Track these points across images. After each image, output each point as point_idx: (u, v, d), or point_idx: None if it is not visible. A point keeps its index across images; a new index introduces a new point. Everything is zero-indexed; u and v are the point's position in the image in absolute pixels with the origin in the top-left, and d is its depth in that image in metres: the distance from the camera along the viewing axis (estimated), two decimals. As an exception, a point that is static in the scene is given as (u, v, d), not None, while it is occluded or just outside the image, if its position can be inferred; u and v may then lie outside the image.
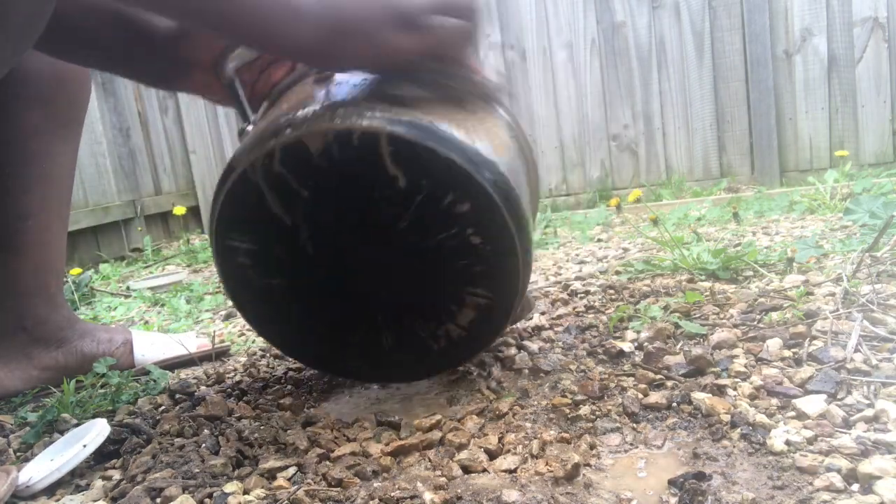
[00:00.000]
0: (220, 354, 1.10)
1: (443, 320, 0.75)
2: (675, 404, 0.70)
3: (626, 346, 0.88)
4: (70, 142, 1.02)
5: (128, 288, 1.88)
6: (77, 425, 0.81)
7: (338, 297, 0.75)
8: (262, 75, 0.84)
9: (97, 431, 0.71)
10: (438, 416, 0.71)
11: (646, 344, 0.87)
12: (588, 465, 0.60)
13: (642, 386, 0.75)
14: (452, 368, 0.83)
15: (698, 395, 0.70)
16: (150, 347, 1.07)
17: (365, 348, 0.78)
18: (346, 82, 0.73)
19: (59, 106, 0.98)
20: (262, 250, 0.73)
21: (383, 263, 0.72)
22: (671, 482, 0.56)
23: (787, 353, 0.79)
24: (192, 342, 1.11)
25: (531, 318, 1.06)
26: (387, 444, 0.67)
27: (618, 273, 1.34)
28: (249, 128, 0.78)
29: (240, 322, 1.32)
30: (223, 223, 0.72)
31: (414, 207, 0.68)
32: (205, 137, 3.11)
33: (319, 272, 0.74)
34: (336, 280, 0.74)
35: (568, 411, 0.71)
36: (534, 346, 0.93)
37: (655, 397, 0.71)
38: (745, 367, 0.77)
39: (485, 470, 0.61)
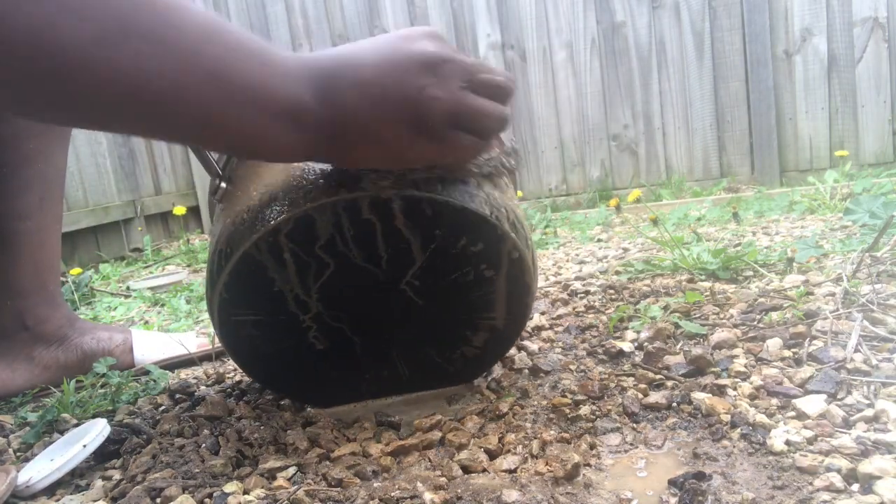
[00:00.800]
0: (220, 354, 1.10)
1: (458, 345, 0.77)
2: (675, 404, 0.70)
3: (626, 346, 0.88)
4: (63, 141, 1.03)
5: (128, 288, 1.88)
6: (77, 425, 0.81)
7: (351, 343, 0.75)
8: None
9: (97, 431, 0.71)
10: (438, 416, 0.71)
11: (646, 344, 0.87)
12: (588, 465, 0.60)
13: (642, 386, 0.75)
14: (472, 380, 0.83)
15: (698, 395, 0.70)
16: (150, 347, 1.07)
17: (381, 380, 0.79)
18: None
19: None
20: (271, 318, 0.71)
21: (396, 307, 0.72)
22: (671, 482, 0.56)
23: (787, 353, 0.79)
24: (192, 342, 1.11)
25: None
26: (387, 444, 0.67)
27: (618, 273, 1.34)
28: (224, 185, 0.73)
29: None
30: (227, 303, 0.69)
31: (427, 257, 0.68)
32: (205, 137, 3.10)
33: (331, 326, 0.73)
34: (348, 328, 0.73)
35: (568, 411, 0.71)
36: (534, 346, 0.93)
37: (655, 397, 0.71)
38: (745, 367, 0.77)
39: (485, 470, 0.61)
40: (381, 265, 0.68)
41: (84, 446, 0.69)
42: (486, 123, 0.56)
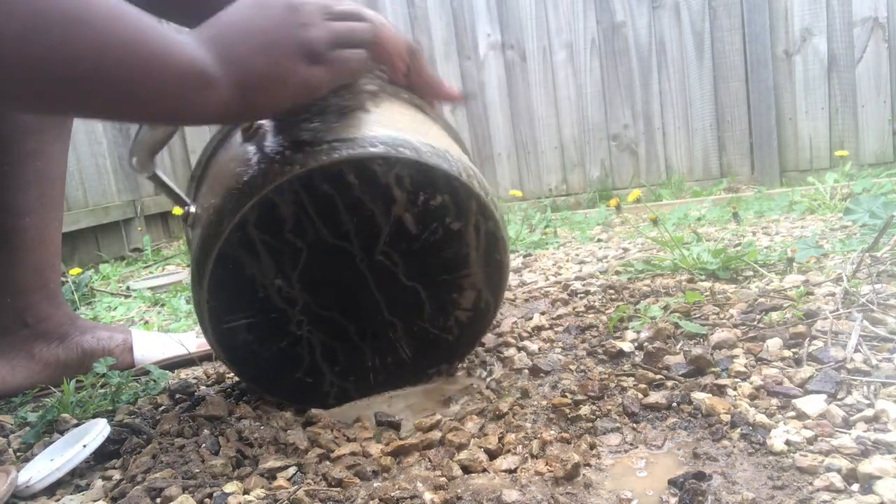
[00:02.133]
0: (220, 354, 1.10)
1: (449, 311, 0.77)
2: (675, 404, 0.70)
3: (626, 346, 0.88)
4: (63, 139, 1.03)
5: (128, 288, 1.88)
6: (77, 425, 0.81)
7: (347, 332, 0.75)
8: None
9: (97, 431, 0.71)
10: (438, 416, 0.71)
11: (646, 344, 0.87)
12: (588, 465, 0.60)
13: (642, 386, 0.75)
14: (474, 347, 0.84)
15: (698, 395, 0.70)
16: (150, 347, 1.07)
17: (387, 368, 0.79)
18: (274, 128, 0.72)
19: None
20: (261, 318, 0.72)
21: (380, 284, 0.73)
22: (671, 482, 0.56)
23: (787, 353, 0.79)
24: (192, 342, 1.11)
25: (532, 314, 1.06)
26: (387, 444, 0.67)
27: (618, 273, 1.34)
28: (193, 208, 0.76)
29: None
30: (215, 310, 0.70)
31: (392, 221, 0.70)
32: (204, 137, 3.11)
33: (321, 316, 0.73)
34: (339, 315, 0.74)
35: (568, 411, 0.71)
36: (534, 346, 0.93)
37: (655, 397, 0.71)
38: (745, 367, 0.77)
39: (485, 470, 0.61)
40: (350, 239, 0.69)
41: (84, 446, 0.69)
42: (357, 38, 0.66)
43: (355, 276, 0.72)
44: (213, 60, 0.58)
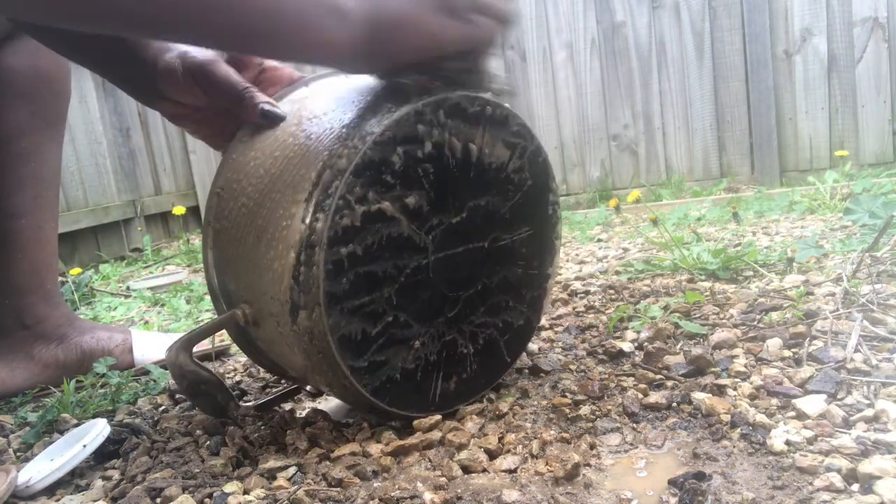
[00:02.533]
0: (220, 354, 1.10)
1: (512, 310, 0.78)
2: (675, 404, 0.70)
3: (626, 346, 0.88)
4: (56, 140, 1.03)
5: (128, 288, 1.88)
6: (77, 425, 0.81)
7: (452, 340, 0.72)
8: (262, 74, 0.77)
9: (97, 431, 0.71)
10: (438, 416, 0.71)
11: (646, 344, 0.87)
12: (588, 465, 0.60)
13: (642, 386, 0.75)
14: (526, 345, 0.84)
15: (698, 395, 0.70)
16: (150, 347, 1.07)
17: (466, 371, 0.75)
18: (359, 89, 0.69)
19: (44, 104, 0.99)
20: (385, 340, 0.66)
21: (465, 266, 0.71)
22: (671, 482, 0.56)
23: (787, 353, 0.79)
24: (192, 342, 1.11)
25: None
26: (387, 444, 0.67)
27: (618, 273, 1.34)
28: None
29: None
30: (359, 372, 0.65)
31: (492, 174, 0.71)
32: (205, 148, 3.10)
33: (429, 322, 0.70)
34: (442, 320, 0.71)
35: (568, 411, 0.71)
36: (534, 346, 0.93)
37: (655, 397, 0.71)
38: (745, 367, 0.77)
39: (485, 470, 0.61)
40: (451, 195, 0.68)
41: (84, 446, 0.69)
42: (496, 7, 0.65)
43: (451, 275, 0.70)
44: None
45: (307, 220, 0.60)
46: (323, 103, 0.69)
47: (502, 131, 0.71)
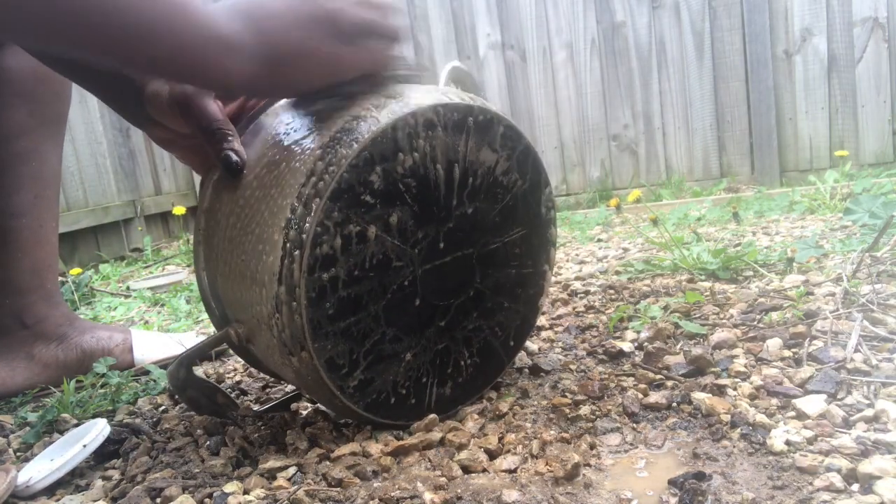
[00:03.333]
0: (220, 354, 1.10)
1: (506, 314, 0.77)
2: (675, 404, 0.70)
3: (626, 346, 0.88)
4: (57, 140, 1.03)
5: (128, 288, 1.88)
6: (77, 425, 0.81)
7: (443, 347, 0.72)
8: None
9: (97, 431, 0.71)
10: (434, 416, 0.71)
11: (646, 344, 0.87)
12: (588, 465, 0.60)
13: (642, 386, 0.75)
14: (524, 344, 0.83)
15: (698, 395, 0.70)
16: (150, 347, 1.07)
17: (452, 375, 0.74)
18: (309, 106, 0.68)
19: (44, 103, 0.99)
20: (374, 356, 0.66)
21: (454, 276, 0.70)
22: (671, 482, 0.56)
23: (787, 353, 0.79)
24: (192, 342, 1.11)
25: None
26: (386, 445, 0.67)
27: (618, 273, 1.34)
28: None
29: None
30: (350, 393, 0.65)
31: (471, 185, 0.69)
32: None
33: (418, 332, 0.69)
34: (426, 315, 0.70)
35: (568, 411, 0.71)
36: (534, 346, 0.93)
37: (655, 397, 0.71)
38: (745, 367, 0.77)
39: (485, 470, 0.61)
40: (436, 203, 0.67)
41: (84, 446, 0.69)
42: (386, 29, 0.65)
43: (438, 281, 0.69)
44: (243, 28, 0.58)
45: (287, 247, 0.59)
46: (301, 117, 0.68)
47: (487, 135, 0.69)
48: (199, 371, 1.04)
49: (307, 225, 0.59)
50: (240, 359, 1.06)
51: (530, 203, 0.76)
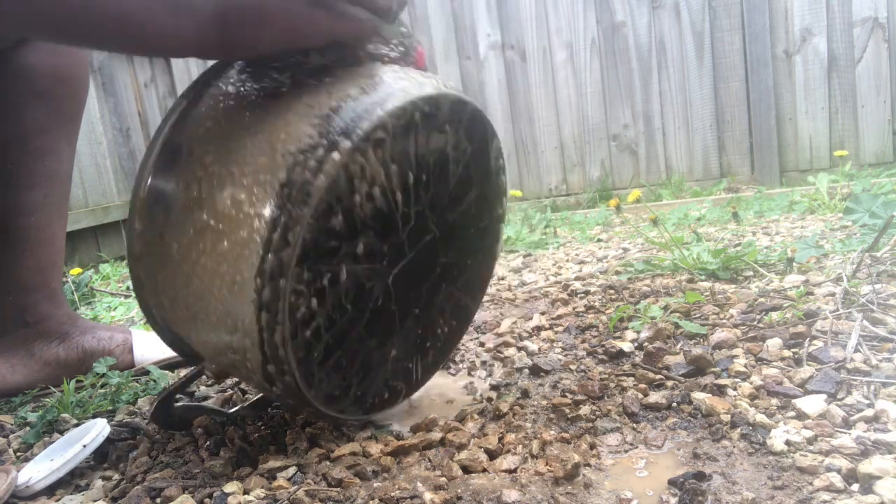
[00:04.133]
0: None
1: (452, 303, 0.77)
2: (675, 404, 0.70)
3: (626, 346, 0.88)
4: (71, 139, 1.03)
5: (128, 288, 1.88)
6: (77, 425, 0.81)
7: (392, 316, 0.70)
8: None
9: (97, 431, 0.71)
10: (434, 415, 0.71)
11: (646, 344, 0.87)
12: (588, 465, 0.60)
13: (642, 386, 0.75)
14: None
15: (698, 395, 0.70)
16: (150, 347, 1.07)
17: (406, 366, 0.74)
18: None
19: (62, 102, 0.99)
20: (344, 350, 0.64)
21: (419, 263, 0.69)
22: (671, 482, 0.56)
23: (787, 353, 0.79)
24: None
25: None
26: (386, 445, 0.67)
27: (618, 273, 1.34)
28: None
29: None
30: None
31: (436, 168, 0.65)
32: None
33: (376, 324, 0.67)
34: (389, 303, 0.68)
35: (568, 411, 0.71)
36: (534, 346, 0.93)
37: (655, 397, 0.71)
38: (745, 367, 0.77)
39: (485, 470, 0.61)
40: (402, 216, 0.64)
41: (84, 446, 0.69)
42: (376, 2, 0.59)
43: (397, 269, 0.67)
44: None
45: (263, 322, 0.55)
46: (227, 161, 0.58)
47: (435, 121, 0.63)
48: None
49: (280, 304, 0.55)
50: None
51: (480, 161, 0.72)
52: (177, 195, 0.59)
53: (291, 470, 0.63)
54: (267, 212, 0.54)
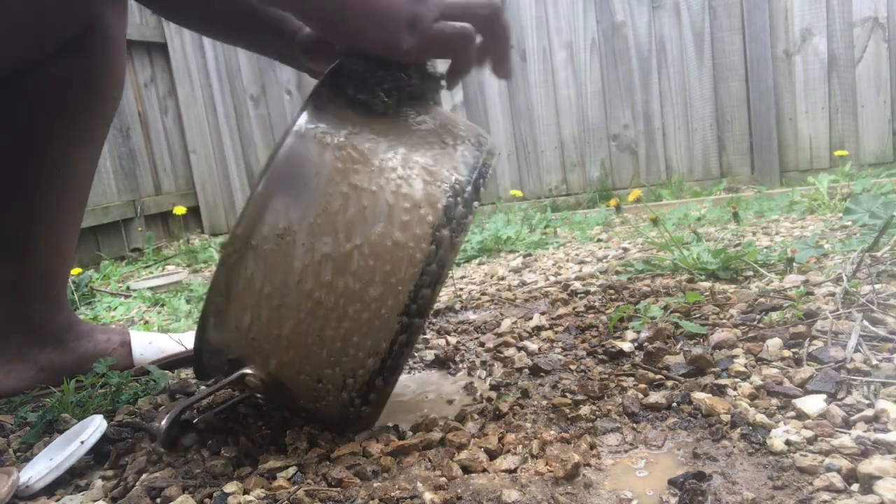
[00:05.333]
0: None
1: None
2: (675, 404, 0.70)
3: (626, 346, 0.88)
4: (93, 148, 1.00)
5: (128, 288, 1.88)
6: (77, 425, 0.81)
7: None
8: None
9: (94, 427, 0.71)
10: (434, 416, 0.71)
11: (646, 344, 0.87)
12: (588, 465, 0.60)
13: (642, 386, 0.75)
14: None
15: (698, 395, 0.70)
16: (149, 347, 1.07)
17: None
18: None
19: (85, 114, 0.95)
20: None
21: None
22: (671, 482, 0.56)
23: (787, 353, 0.79)
24: (191, 342, 1.11)
25: (531, 319, 1.06)
26: (386, 444, 0.67)
27: (618, 273, 1.34)
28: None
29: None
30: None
31: None
32: (205, 137, 3.11)
33: None
34: None
35: (568, 411, 0.71)
36: (534, 346, 0.93)
37: (655, 397, 0.71)
38: (745, 367, 0.77)
39: (485, 470, 0.61)
40: None
41: (81, 443, 0.69)
42: (479, 6, 0.67)
43: None
44: None
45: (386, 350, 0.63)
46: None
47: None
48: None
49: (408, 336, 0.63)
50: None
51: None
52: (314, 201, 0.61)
53: (291, 470, 0.63)
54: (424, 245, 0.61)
